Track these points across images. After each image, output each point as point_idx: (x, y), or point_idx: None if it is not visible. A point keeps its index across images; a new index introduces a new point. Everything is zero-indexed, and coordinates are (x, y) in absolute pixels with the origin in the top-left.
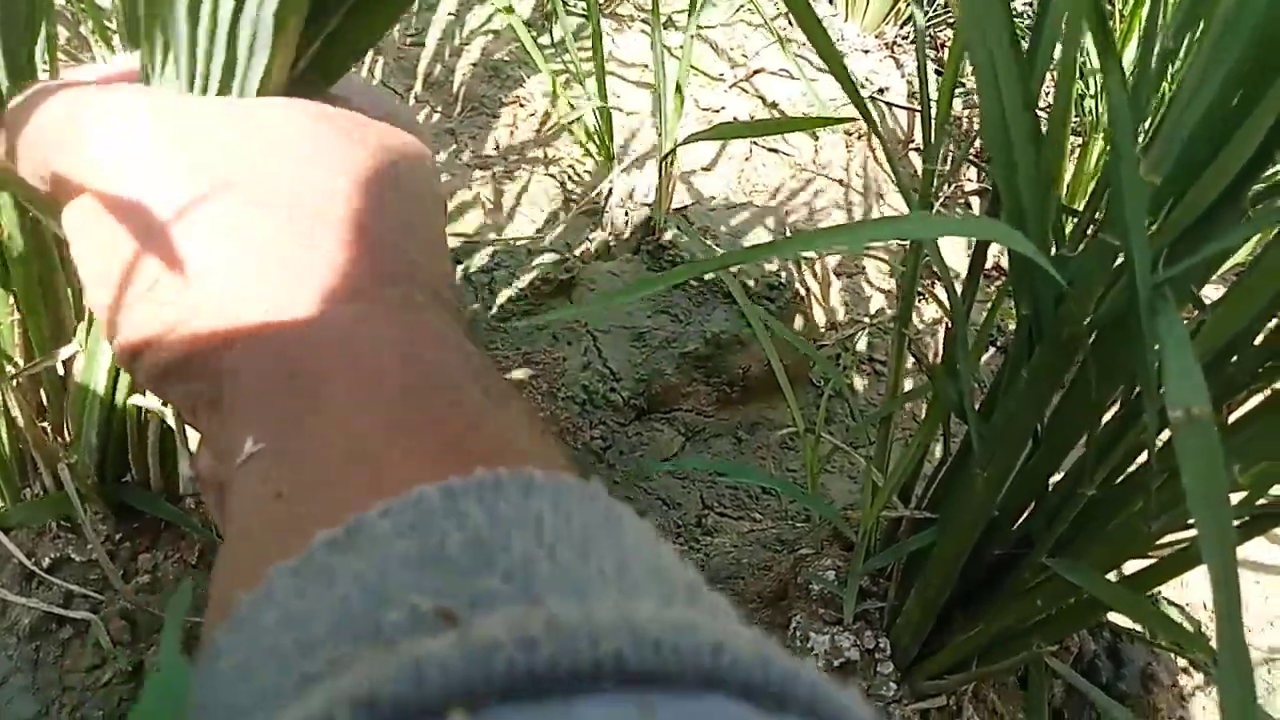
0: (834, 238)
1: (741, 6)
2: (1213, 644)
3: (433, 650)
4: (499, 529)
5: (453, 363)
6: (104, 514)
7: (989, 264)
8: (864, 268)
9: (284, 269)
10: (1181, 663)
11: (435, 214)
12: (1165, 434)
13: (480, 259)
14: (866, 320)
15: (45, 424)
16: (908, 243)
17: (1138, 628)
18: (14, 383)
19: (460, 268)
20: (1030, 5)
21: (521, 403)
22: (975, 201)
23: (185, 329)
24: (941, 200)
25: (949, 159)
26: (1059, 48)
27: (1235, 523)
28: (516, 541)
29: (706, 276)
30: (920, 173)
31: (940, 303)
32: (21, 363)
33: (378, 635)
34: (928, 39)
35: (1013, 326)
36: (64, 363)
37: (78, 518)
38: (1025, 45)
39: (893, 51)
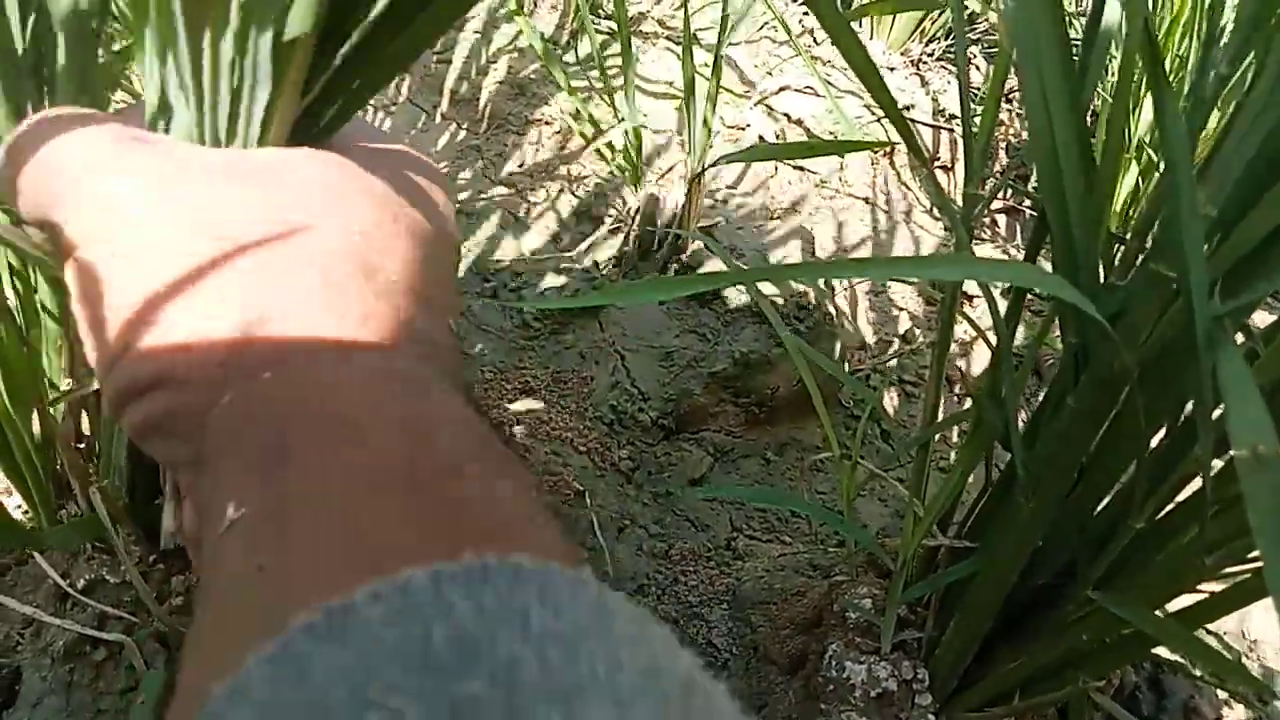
0: (866, 270)
1: (766, 24)
2: (1259, 677)
3: None
4: (485, 625)
5: (454, 437)
6: (136, 536)
7: None
8: (890, 286)
9: (279, 331)
10: (1223, 694)
11: (446, 260)
12: (1217, 464)
13: (506, 277)
14: (896, 339)
15: (82, 446)
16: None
17: (1179, 659)
18: (58, 407)
19: (488, 285)
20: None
21: (519, 475)
22: (1002, 220)
23: (166, 388)
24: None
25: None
26: (1110, 79)
27: None
28: (502, 640)
29: (731, 294)
30: (950, 190)
31: (972, 322)
32: (63, 386)
33: None
34: (952, 57)
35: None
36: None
37: (111, 540)
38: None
39: (918, 69)
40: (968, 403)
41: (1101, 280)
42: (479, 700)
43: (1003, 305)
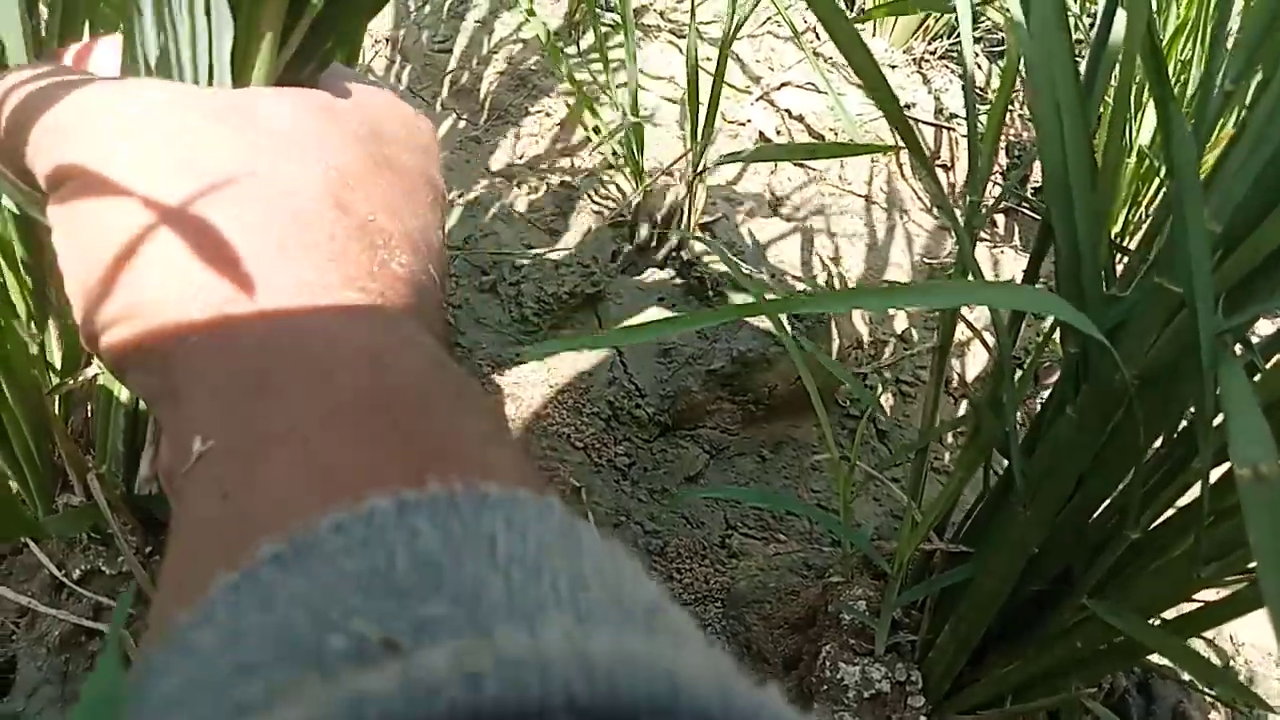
0: (867, 301)
1: (769, 19)
2: (1245, 684)
3: (373, 688)
4: (450, 549)
5: (421, 368)
6: (133, 525)
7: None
8: (890, 285)
9: (248, 268)
10: (1210, 699)
11: (427, 202)
12: (1214, 475)
13: (506, 270)
14: (893, 339)
15: (83, 437)
16: (936, 265)
17: (1169, 664)
18: (55, 396)
19: (486, 279)
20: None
21: (488, 408)
22: (1001, 219)
23: (136, 319)
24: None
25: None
26: (1112, 90)
27: None
28: (468, 563)
29: (732, 292)
30: (948, 190)
31: (969, 324)
32: (58, 376)
33: (319, 662)
34: (955, 55)
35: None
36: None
37: (108, 529)
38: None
39: (920, 67)
40: (963, 403)
41: (1105, 293)
42: (440, 620)
43: (1007, 311)
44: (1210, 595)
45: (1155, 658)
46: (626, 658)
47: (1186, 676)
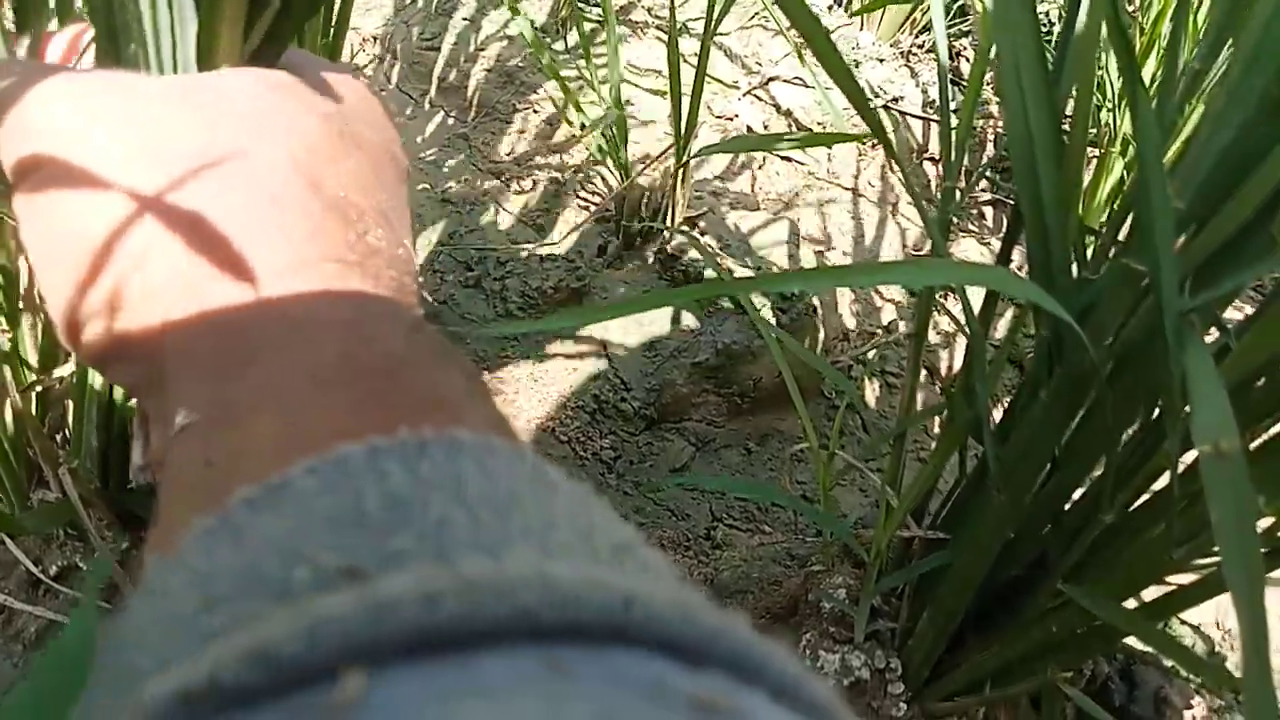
0: (841, 278)
1: (757, 13)
2: (1230, 670)
3: (331, 606)
4: (419, 489)
5: (400, 335)
6: (109, 521)
7: None
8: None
9: (226, 251)
10: (1194, 684)
11: (394, 177)
12: (1186, 459)
13: (490, 265)
14: (879, 331)
15: (59, 433)
16: (923, 256)
17: (1151, 650)
18: (31, 391)
19: (471, 274)
20: (1055, 24)
21: (462, 365)
22: (989, 212)
23: (122, 313)
24: (953, 212)
25: (963, 170)
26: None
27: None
28: (435, 501)
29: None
30: (934, 185)
31: (951, 314)
32: (34, 372)
33: (284, 594)
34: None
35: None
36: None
37: (82, 524)
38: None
39: (908, 60)
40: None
41: (1076, 275)
42: (406, 553)
43: (980, 298)
44: (1185, 579)
45: (1136, 644)
46: (587, 580)
47: (1168, 663)
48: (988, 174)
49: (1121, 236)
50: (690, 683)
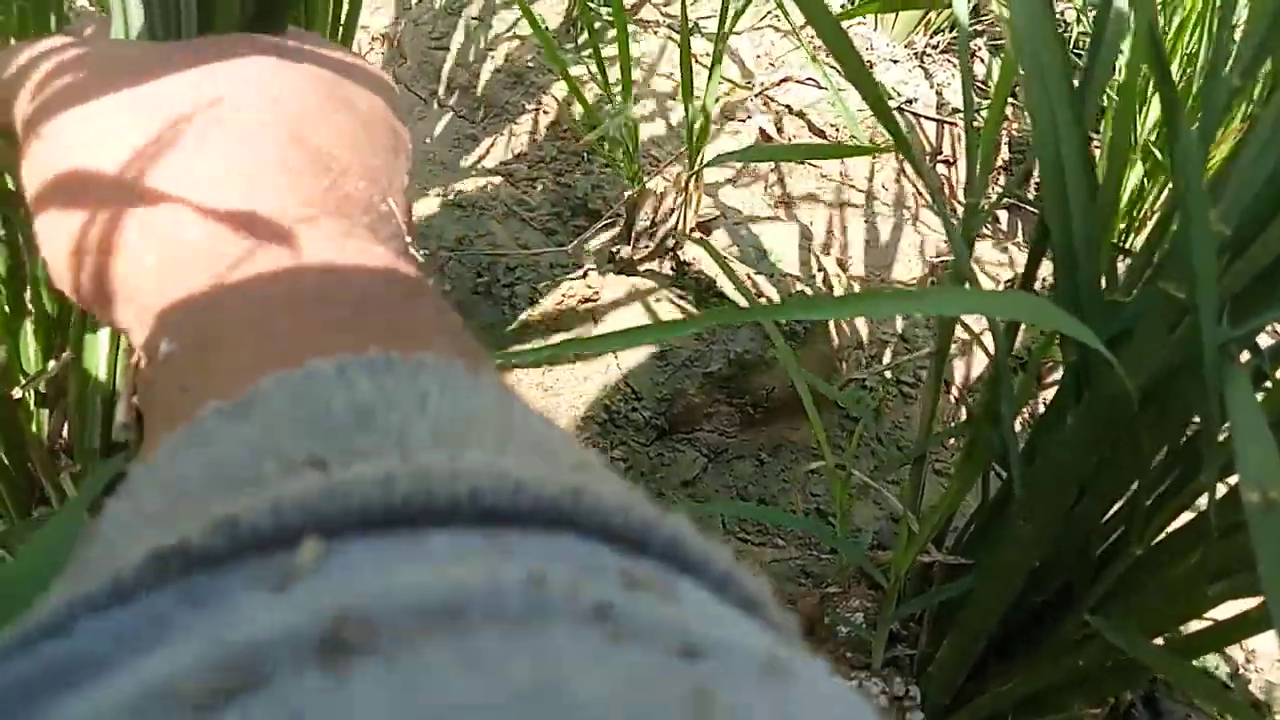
0: (869, 307)
1: (769, 13)
2: (1256, 692)
3: (295, 486)
4: (383, 399)
5: (374, 269)
6: None
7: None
8: (890, 285)
9: (207, 200)
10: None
11: (387, 142)
12: (1221, 490)
13: (501, 270)
14: (894, 339)
15: (61, 441)
16: (939, 262)
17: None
18: (30, 393)
19: (481, 280)
20: (1085, 36)
21: (444, 308)
22: (1004, 216)
23: (105, 253)
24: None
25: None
26: (1114, 96)
27: None
28: (399, 411)
29: (731, 293)
30: (948, 188)
31: (968, 327)
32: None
33: (253, 483)
34: (957, 49)
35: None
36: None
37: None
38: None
39: (922, 62)
40: (964, 407)
41: (1104, 294)
42: (369, 450)
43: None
44: (1219, 613)
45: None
46: (538, 474)
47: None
48: (1006, 177)
49: (1154, 256)
50: (626, 564)
